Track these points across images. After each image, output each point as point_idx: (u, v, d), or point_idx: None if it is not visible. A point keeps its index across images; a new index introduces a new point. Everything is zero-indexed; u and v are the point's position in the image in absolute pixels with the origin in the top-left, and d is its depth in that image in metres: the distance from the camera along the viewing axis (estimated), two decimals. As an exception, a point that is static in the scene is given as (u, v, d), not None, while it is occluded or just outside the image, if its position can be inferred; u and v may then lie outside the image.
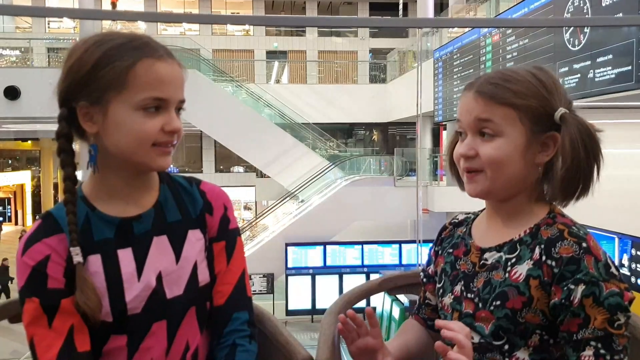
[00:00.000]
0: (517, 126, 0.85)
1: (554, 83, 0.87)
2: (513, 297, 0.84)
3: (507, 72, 0.88)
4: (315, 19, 2.89)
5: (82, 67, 0.83)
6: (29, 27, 19.30)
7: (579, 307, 0.79)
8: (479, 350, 0.87)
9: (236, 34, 19.77)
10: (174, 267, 0.90)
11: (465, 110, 0.89)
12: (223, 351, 0.94)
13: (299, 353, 1.04)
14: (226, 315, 0.94)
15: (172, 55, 0.87)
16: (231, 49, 19.26)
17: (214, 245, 0.95)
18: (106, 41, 0.84)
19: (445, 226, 1.05)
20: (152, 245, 0.90)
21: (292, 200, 13.30)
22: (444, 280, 0.97)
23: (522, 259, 0.86)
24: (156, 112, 0.84)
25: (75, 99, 0.84)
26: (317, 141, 14.43)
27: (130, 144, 0.84)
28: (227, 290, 0.95)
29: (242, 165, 18.26)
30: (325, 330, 1.11)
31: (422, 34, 10.81)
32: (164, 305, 0.89)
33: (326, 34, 19.54)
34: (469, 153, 0.88)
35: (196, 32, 18.93)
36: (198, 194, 0.96)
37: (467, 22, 6.59)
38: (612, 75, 5.28)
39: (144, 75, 0.82)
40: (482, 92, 0.86)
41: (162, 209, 0.92)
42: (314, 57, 19.20)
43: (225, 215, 0.97)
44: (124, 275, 0.87)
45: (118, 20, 3.57)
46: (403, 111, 12.65)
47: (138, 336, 0.89)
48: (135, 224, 0.90)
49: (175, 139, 0.87)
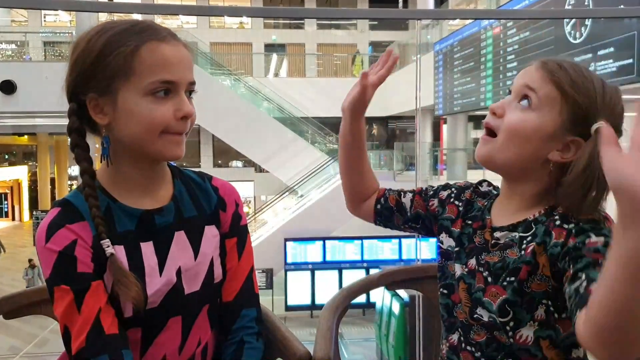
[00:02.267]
0: (555, 111, 0.84)
1: (615, 102, 0.85)
2: (522, 270, 0.83)
3: (582, 65, 0.87)
4: (314, 11, 2.85)
5: (87, 58, 0.81)
6: (25, 21, 19.23)
7: (604, 248, 0.75)
8: (486, 327, 0.87)
9: (234, 26, 19.72)
10: (192, 263, 0.90)
11: (521, 74, 0.88)
12: (231, 348, 0.94)
13: (296, 348, 1.03)
14: (235, 311, 0.94)
15: (177, 37, 0.85)
16: (229, 42, 19.21)
17: (226, 241, 0.95)
18: (108, 29, 0.82)
19: (470, 186, 1.03)
20: (174, 240, 0.89)
21: (291, 195, 13.30)
22: (459, 249, 0.96)
23: (538, 237, 0.84)
24: (166, 97, 0.82)
25: (84, 92, 0.83)
26: (317, 135, 14.42)
27: (142, 133, 0.82)
28: (236, 286, 0.95)
29: (241, 160, 18.25)
30: (323, 325, 1.11)
31: (422, 27, 10.76)
32: (181, 301, 0.89)
33: (325, 26, 19.49)
34: (497, 110, 0.88)
35: (194, 25, 18.88)
36: (211, 189, 0.96)
37: (467, 13, 6.55)
38: (614, 68, 5.26)
39: (150, 58, 0.81)
40: (545, 64, 0.86)
41: (178, 204, 0.91)
42: (313, 50, 19.16)
43: (237, 211, 0.97)
44: (146, 269, 0.86)
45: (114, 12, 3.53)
46: (403, 105, 12.63)
47: (153, 331, 0.88)
48: (157, 217, 0.88)
49: (188, 126, 0.85)
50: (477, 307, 0.88)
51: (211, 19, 18.96)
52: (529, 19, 6.23)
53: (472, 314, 0.89)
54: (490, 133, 0.89)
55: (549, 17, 5.65)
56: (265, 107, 13.99)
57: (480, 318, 0.87)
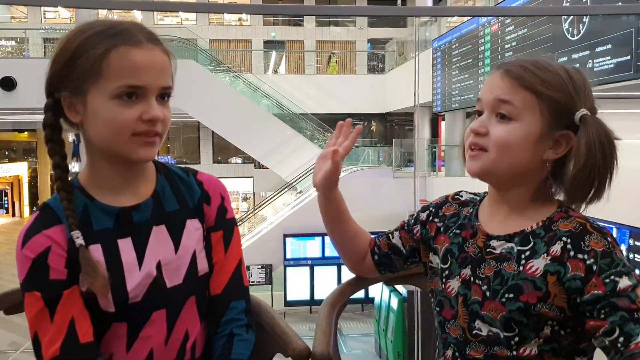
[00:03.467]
0: (536, 115, 0.84)
1: (583, 84, 0.86)
2: (528, 292, 0.83)
3: (541, 60, 0.87)
4: (313, 8, 2.86)
5: (62, 57, 0.83)
6: (24, 18, 19.15)
7: (635, 295, 0.77)
8: (486, 342, 0.86)
9: (233, 23, 19.65)
10: (173, 257, 0.91)
11: (488, 88, 0.88)
12: (221, 340, 0.94)
13: (295, 344, 1.04)
14: (223, 304, 0.95)
15: (155, 41, 0.85)
16: (228, 39, 19.14)
17: (211, 234, 0.95)
18: (85, 30, 0.83)
19: (447, 200, 1.03)
20: (151, 235, 0.90)
21: (291, 192, 13.29)
22: (450, 262, 0.94)
23: (538, 253, 0.84)
24: (133, 101, 0.82)
25: (59, 90, 0.85)
26: (316, 132, 14.40)
27: (108, 134, 0.83)
28: (224, 279, 0.95)
29: (240, 156, 18.22)
30: (323, 320, 1.11)
31: (421, 24, 10.75)
32: (164, 294, 0.90)
33: (324, 23, 19.42)
34: (480, 129, 0.87)
35: (193, 22, 18.80)
36: (195, 183, 0.96)
37: (465, 10, 6.56)
38: (611, 65, 5.27)
39: (117, 63, 0.81)
40: (509, 72, 0.85)
41: (160, 198, 0.92)
42: (312, 47, 19.09)
43: (223, 204, 0.97)
44: (125, 265, 0.87)
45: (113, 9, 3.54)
46: (401, 101, 12.62)
47: (138, 324, 0.89)
48: (134, 214, 0.89)
49: (160, 128, 0.85)
50: (475, 321, 0.87)
51: (210, 15, 18.89)
52: (527, 16, 6.24)
53: (470, 329, 0.88)
54: (477, 147, 0.87)
55: (546, 15, 5.66)
56: (265, 104, 13.95)
57: (479, 333, 0.86)
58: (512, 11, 5.39)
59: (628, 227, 6.26)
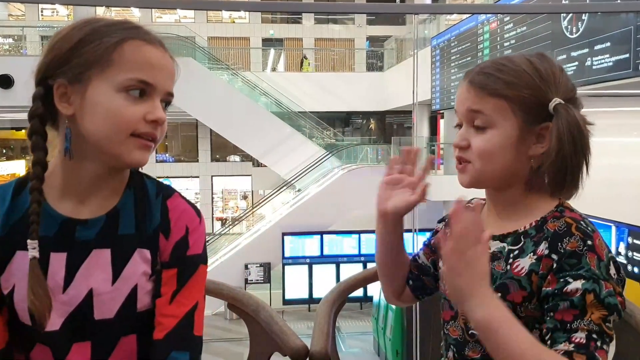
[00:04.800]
0: (509, 118, 0.83)
1: (552, 72, 0.84)
2: (514, 291, 0.83)
3: (502, 60, 0.86)
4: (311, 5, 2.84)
5: (67, 43, 0.78)
6: (22, 15, 19.11)
7: (580, 300, 0.77)
8: (480, 342, 0.86)
9: (236, 21, 19.62)
10: (107, 288, 0.81)
11: (459, 100, 0.88)
12: None
13: (293, 342, 1.04)
14: (164, 352, 0.82)
15: (165, 47, 0.82)
16: (227, 36, 19.12)
17: (164, 271, 0.84)
18: (96, 21, 0.80)
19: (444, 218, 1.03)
20: (89, 257, 0.81)
21: (289, 190, 13.29)
22: None
23: (525, 252, 0.84)
24: (139, 98, 0.77)
25: (53, 77, 0.78)
26: (314, 130, 14.40)
27: (106, 130, 0.77)
28: (169, 323, 0.82)
29: (239, 154, 18.22)
30: (321, 319, 1.11)
31: (420, 21, 10.74)
32: (89, 326, 0.81)
33: (323, 21, 19.42)
34: (461, 144, 0.87)
35: (191, 20, 18.78)
36: (159, 209, 0.85)
37: (464, 8, 6.55)
38: (610, 63, 5.27)
39: (132, 54, 0.77)
40: (473, 83, 0.86)
41: (117, 217, 0.83)
42: (311, 44, 19.09)
43: (184, 239, 0.84)
44: (49, 282, 0.78)
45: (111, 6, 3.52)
46: (400, 99, 12.62)
47: (60, 352, 0.81)
48: (79, 228, 0.81)
49: (159, 133, 0.80)
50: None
51: (208, 13, 18.87)
52: (526, 14, 6.23)
53: (467, 329, 0.88)
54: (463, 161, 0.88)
55: (546, 12, 5.65)
56: (263, 102, 13.94)
57: (475, 333, 0.86)
58: (511, 9, 5.39)
59: (626, 225, 6.27)
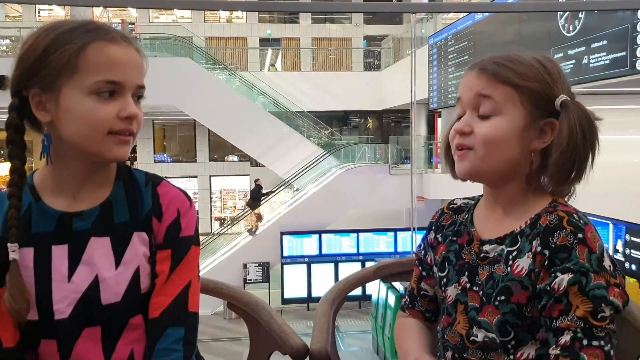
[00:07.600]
0: (517, 107, 0.85)
1: (557, 71, 0.87)
2: (517, 292, 0.83)
3: (512, 54, 0.88)
4: (308, 4, 2.84)
5: (33, 54, 0.81)
6: (19, 16, 19.06)
7: (563, 294, 0.78)
8: (482, 349, 0.86)
9: (234, 21, 19.60)
10: (112, 272, 0.85)
11: (466, 87, 0.89)
12: None
13: (293, 341, 1.04)
14: (160, 329, 0.86)
15: (129, 41, 0.84)
16: (224, 36, 19.09)
17: (158, 252, 0.88)
18: (57, 27, 0.82)
19: (442, 211, 1.02)
20: (88, 246, 0.85)
21: (287, 189, 13.29)
22: (448, 270, 0.94)
23: (523, 252, 0.84)
24: (110, 98, 0.80)
25: (27, 87, 0.82)
26: (312, 129, 14.39)
27: (83, 132, 0.80)
28: (164, 302, 0.86)
29: (237, 154, 18.20)
30: (320, 318, 1.11)
31: (417, 20, 10.75)
32: (97, 311, 0.84)
33: (320, 20, 19.40)
34: (464, 129, 0.87)
35: (188, 20, 18.75)
36: (150, 195, 0.89)
37: (461, 6, 6.56)
38: (607, 61, 5.28)
39: (96, 57, 0.79)
40: (485, 70, 0.87)
41: (110, 208, 0.87)
42: (308, 44, 19.06)
43: (176, 221, 0.89)
44: (53, 274, 0.83)
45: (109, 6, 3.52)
46: (398, 98, 12.62)
47: (68, 341, 0.84)
48: (75, 220, 0.85)
49: (135, 127, 0.83)
50: (473, 327, 0.87)
51: (206, 13, 18.84)
52: (523, 12, 6.24)
53: (468, 335, 0.88)
54: (464, 147, 0.87)
55: (542, 10, 5.66)
56: (261, 101, 13.94)
57: (476, 340, 0.86)
58: (508, 7, 5.39)
59: (624, 222, 6.29)
